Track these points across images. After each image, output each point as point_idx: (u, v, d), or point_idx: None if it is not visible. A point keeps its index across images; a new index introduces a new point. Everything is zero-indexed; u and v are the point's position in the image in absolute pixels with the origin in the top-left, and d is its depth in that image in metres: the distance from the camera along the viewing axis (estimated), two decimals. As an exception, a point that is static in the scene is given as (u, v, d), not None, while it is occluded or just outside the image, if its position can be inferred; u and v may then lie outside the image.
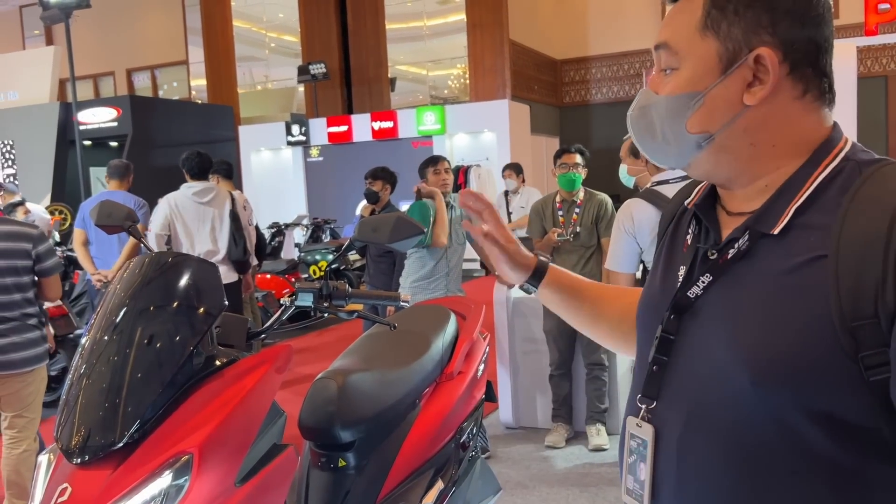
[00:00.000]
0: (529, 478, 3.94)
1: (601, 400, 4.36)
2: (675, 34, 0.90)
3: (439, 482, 2.34)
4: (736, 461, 0.84)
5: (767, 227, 0.86)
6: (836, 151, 0.87)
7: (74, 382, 1.65)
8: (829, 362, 0.77)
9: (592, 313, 1.27)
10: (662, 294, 0.98)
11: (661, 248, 1.08)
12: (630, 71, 16.10)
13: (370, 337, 2.60)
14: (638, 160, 3.95)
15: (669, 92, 0.90)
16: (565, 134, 16.35)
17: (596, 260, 4.32)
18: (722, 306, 0.88)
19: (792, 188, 0.87)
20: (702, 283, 0.90)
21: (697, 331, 0.90)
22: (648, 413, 0.95)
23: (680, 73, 0.90)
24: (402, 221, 1.83)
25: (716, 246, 0.92)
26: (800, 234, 0.84)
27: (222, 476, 1.58)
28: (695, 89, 0.88)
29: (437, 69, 15.98)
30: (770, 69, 0.84)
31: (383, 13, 15.67)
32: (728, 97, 0.87)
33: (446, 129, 13.84)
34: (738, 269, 0.88)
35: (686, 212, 1.05)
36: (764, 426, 0.82)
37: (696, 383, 0.89)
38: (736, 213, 0.93)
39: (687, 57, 0.89)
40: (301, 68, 15.16)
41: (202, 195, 4.92)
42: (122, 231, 2.03)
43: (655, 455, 0.93)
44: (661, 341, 0.93)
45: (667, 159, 0.97)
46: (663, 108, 0.91)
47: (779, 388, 0.80)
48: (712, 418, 0.87)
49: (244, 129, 16.14)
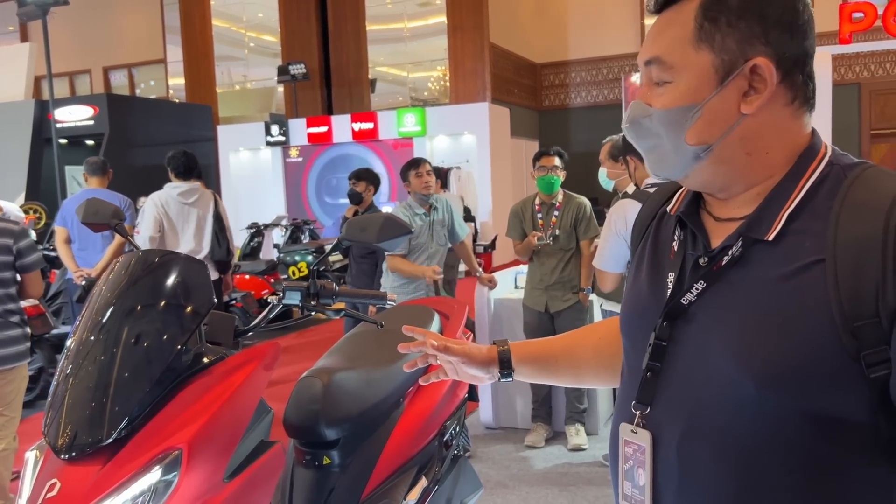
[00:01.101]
0: (509, 477, 3.97)
1: (580, 400, 4.40)
2: (668, 48, 0.91)
3: (423, 480, 2.37)
4: (738, 463, 0.86)
5: (761, 233, 0.88)
6: (820, 157, 0.90)
7: (63, 379, 1.65)
8: (832, 363, 0.80)
9: (571, 366, 1.28)
10: (651, 300, 0.99)
11: (641, 253, 1.08)
12: (609, 75, 16.24)
13: (354, 336, 2.62)
14: (617, 164, 4.00)
15: (665, 105, 0.91)
16: (545, 137, 16.46)
17: (574, 263, 4.36)
18: (717, 312, 0.89)
19: (782, 194, 0.89)
20: (695, 290, 0.92)
21: (692, 337, 0.92)
22: (643, 419, 0.95)
23: (675, 86, 0.90)
24: (390, 221, 1.86)
25: (707, 252, 0.93)
26: (794, 240, 0.86)
27: (211, 472, 1.60)
28: (692, 101, 0.90)
29: (417, 71, 16.02)
30: (767, 78, 0.87)
31: (364, 14, 15.69)
32: (725, 108, 0.89)
33: (427, 130, 13.89)
34: (733, 276, 0.89)
35: (666, 217, 1.06)
36: (766, 428, 0.84)
37: (694, 389, 0.90)
38: (725, 218, 0.95)
39: (681, 70, 0.90)
40: (281, 68, 15.12)
41: (187, 196, 4.91)
42: (109, 229, 2.03)
43: (654, 460, 0.94)
44: (655, 348, 0.94)
45: (665, 170, 0.97)
46: (660, 121, 0.92)
47: (783, 391, 0.82)
48: (713, 422, 0.88)
49: (223, 128, 16.06)
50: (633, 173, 3.32)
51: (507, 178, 14.32)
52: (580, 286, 4.33)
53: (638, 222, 1.14)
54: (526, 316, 4.45)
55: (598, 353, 1.27)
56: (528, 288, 4.49)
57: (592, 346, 1.28)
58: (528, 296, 4.46)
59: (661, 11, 0.94)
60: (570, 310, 4.30)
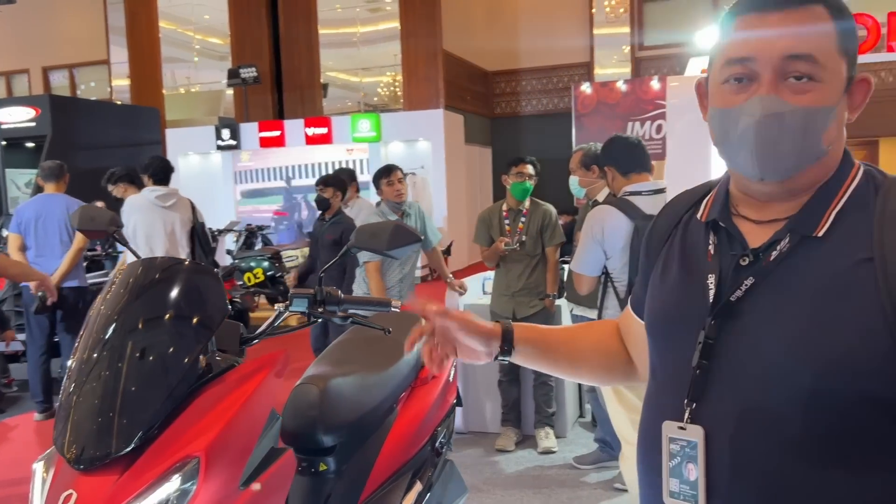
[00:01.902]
0: (483, 481, 4.02)
1: (549, 404, 4.48)
2: (820, 48, 0.95)
3: (418, 484, 2.39)
4: (797, 451, 0.92)
5: (810, 229, 0.97)
6: (857, 163, 1.01)
7: (75, 388, 1.62)
8: (885, 352, 0.89)
9: (569, 356, 1.31)
10: (690, 302, 1.04)
11: (665, 260, 1.13)
12: (559, 84, 16.49)
13: (345, 343, 2.63)
14: (589, 172, 4.10)
15: (811, 103, 0.94)
16: (497, 144, 16.62)
17: (541, 269, 4.43)
18: (769, 307, 0.96)
19: (829, 193, 0.98)
20: (745, 286, 0.98)
21: (744, 332, 0.97)
22: (692, 415, 0.99)
23: (823, 87, 0.95)
24: (401, 229, 1.88)
25: (753, 251, 1.00)
26: (841, 237, 0.95)
27: (228, 479, 1.59)
28: (832, 104, 0.96)
29: (370, 76, 16.00)
30: (868, 91, 1.00)
31: (316, 18, 15.59)
32: (842, 114, 0.99)
33: (381, 136, 13.87)
34: (782, 271, 0.97)
35: (691, 223, 1.12)
36: (823, 415, 0.91)
37: (747, 381, 0.95)
38: (766, 220, 1.02)
39: (830, 72, 0.95)
40: (231, 72, 14.87)
41: (165, 199, 4.94)
42: (106, 236, 2.00)
43: (707, 454, 0.97)
44: (704, 346, 0.99)
45: (778, 168, 0.97)
46: (802, 118, 0.94)
47: (839, 378, 0.90)
48: (769, 413, 0.93)
49: (171, 132, 15.71)
50: (612, 183, 3.40)
51: (462, 185, 14.39)
52: (546, 292, 4.41)
53: (657, 231, 1.19)
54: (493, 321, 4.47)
55: (596, 349, 1.31)
56: (494, 294, 4.54)
57: (592, 341, 1.32)
58: (495, 302, 4.51)
59: (788, 9, 0.96)
60: (537, 316, 4.37)
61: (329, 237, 5.09)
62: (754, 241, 1.01)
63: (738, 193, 1.07)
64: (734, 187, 1.08)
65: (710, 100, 1.05)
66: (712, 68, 1.04)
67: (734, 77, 0.98)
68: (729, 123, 0.99)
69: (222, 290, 1.79)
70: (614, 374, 1.34)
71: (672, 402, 1.03)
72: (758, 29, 0.97)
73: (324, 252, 5.08)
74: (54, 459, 1.60)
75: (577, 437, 4.67)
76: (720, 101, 1.01)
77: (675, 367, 1.05)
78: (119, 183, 5.71)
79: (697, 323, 1.01)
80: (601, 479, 4.00)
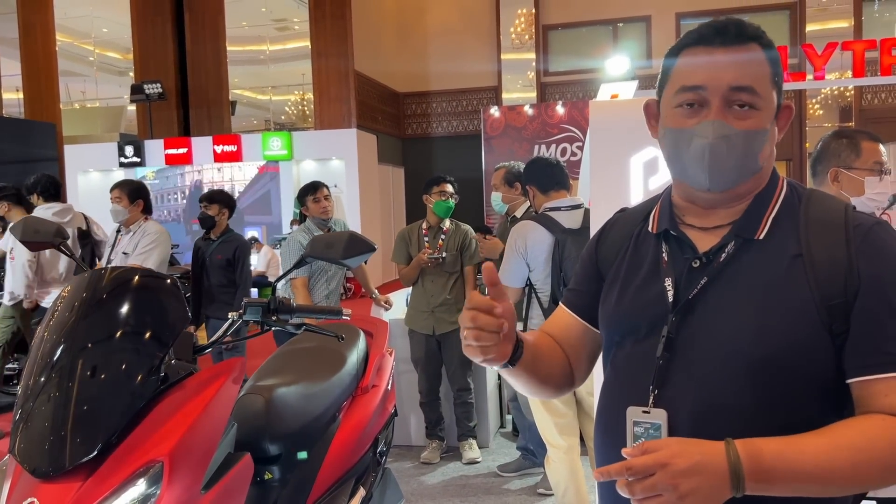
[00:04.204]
0: (410, 492, 4.08)
1: (469, 418, 4.58)
2: (759, 81, 1.12)
3: (361, 490, 2.45)
4: (750, 426, 1.05)
5: (752, 233, 1.15)
6: (782, 176, 1.20)
7: (32, 395, 1.61)
8: (813, 333, 1.07)
9: (545, 368, 1.30)
10: (653, 303, 1.17)
11: (618, 270, 1.26)
12: (468, 107, 16.85)
13: (287, 353, 2.66)
14: (512, 189, 4.29)
15: (751, 126, 1.12)
16: (409, 164, 16.79)
17: (460, 285, 4.54)
18: (721, 302, 1.12)
19: (764, 201, 1.17)
20: (699, 285, 1.14)
21: (700, 325, 1.12)
22: (655, 400, 1.12)
23: (760, 113, 1.12)
24: (355, 239, 1.96)
25: (704, 255, 1.16)
26: (777, 239, 1.13)
27: (190, 483, 1.62)
28: (766, 127, 1.14)
29: (278, 94, 15.87)
30: (790, 116, 1.19)
31: (224, 35, 15.38)
32: (773, 134, 1.16)
33: (293, 155, 13.78)
34: (730, 271, 1.13)
35: (642, 236, 1.26)
36: (773, 394, 1.07)
37: (706, 367, 1.10)
38: (711, 227, 1.18)
39: (765, 100, 1.13)
40: (135, 87, 14.43)
41: (62, 215, 4.79)
42: (51, 248, 1.98)
43: (670, 432, 1.09)
44: (667, 340, 1.13)
45: (725, 179, 1.13)
46: (744, 139, 1.12)
47: (784, 358, 1.06)
48: (725, 394, 1.08)
49: (70, 148, 15.06)
50: (533, 200, 3.58)
51: (376, 204, 14.46)
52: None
53: (610, 245, 1.32)
54: (413, 342, 4.56)
55: (553, 356, 1.33)
56: (412, 312, 4.58)
57: (559, 355, 1.34)
58: (413, 319, 4.56)
59: (731, 46, 1.13)
60: (458, 332, 4.44)
61: (220, 256, 4.87)
62: (703, 246, 1.17)
63: (682, 203, 1.23)
64: (678, 198, 1.24)
65: (663, 121, 1.20)
66: (664, 93, 1.19)
67: (686, 102, 1.14)
68: (682, 142, 1.15)
69: (182, 299, 1.81)
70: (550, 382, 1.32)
71: (636, 390, 1.15)
72: (706, 62, 1.13)
73: (214, 273, 4.87)
74: (11, 468, 1.59)
75: (499, 447, 4.80)
76: (673, 122, 1.17)
77: (639, 360, 1.17)
78: (3, 201, 5.38)
79: (660, 320, 1.15)
80: (525, 485, 4.15)
